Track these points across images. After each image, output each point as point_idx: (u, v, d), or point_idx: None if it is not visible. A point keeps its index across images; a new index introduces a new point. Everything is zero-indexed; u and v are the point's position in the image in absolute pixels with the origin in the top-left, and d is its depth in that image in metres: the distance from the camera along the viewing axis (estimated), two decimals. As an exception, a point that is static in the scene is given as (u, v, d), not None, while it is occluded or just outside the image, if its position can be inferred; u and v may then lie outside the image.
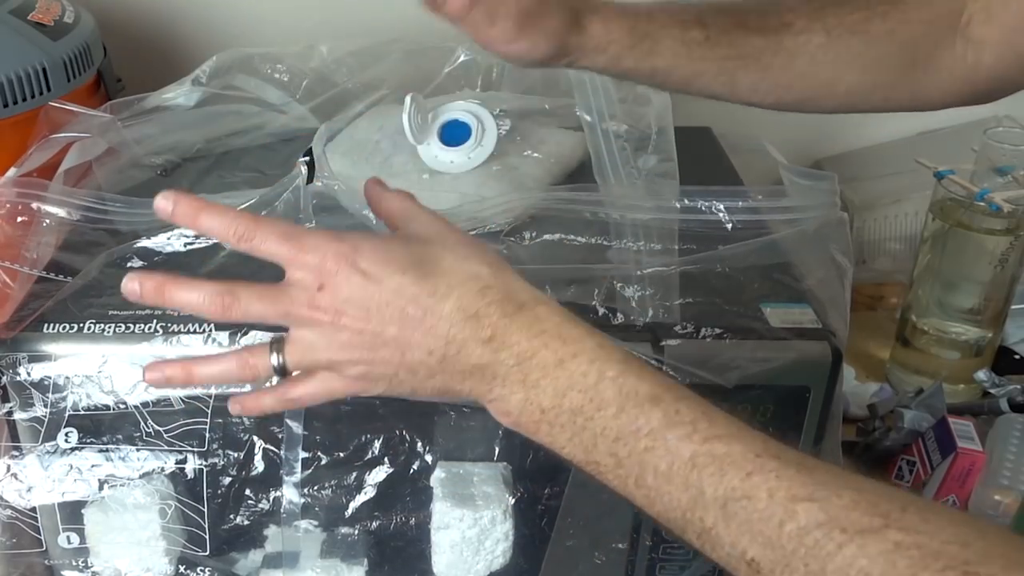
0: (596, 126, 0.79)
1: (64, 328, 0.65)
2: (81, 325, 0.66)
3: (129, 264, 0.70)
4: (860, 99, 0.71)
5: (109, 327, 0.65)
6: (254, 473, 0.68)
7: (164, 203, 0.50)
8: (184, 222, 0.51)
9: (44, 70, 0.84)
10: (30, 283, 0.69)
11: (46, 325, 0.66)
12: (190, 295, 0.51)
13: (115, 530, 0.68)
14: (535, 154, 0.84)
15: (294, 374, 0.53)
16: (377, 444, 0.68)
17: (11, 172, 0.73)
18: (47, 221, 0.72)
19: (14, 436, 0.66)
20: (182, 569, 0.70)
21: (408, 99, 0.78)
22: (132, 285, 0.51)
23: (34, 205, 0.71)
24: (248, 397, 0.56)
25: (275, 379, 0.53)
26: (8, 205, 0.71)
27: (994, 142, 0.95)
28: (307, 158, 0.72)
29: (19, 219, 0.71)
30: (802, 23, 0.68)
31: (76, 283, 0.69)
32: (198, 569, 0.70)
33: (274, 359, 0.52)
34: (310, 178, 0.70)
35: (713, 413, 0.47)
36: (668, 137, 0.80)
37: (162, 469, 0.67)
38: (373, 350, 0.50)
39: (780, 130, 1.21)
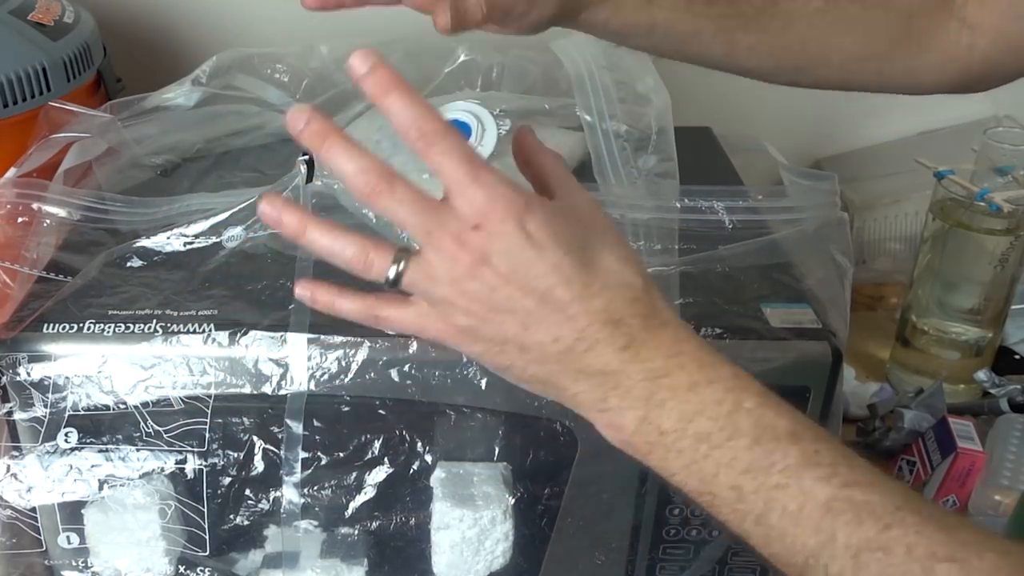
0: (596, 126, 0.78)
1: (64, 328, 0.65)
2: (81, 325, 0.66)
3: (129, 264, 0.70)
4: (855, 70, 0.71)
5: (109, 327, 0.65)
6: (254, 473, 0.68)
7: (361, 64, 0.46)
8: (376, 91, 0.47)
9: (44, 70, 0.84)
10: (30, 283, 0.69)
11: (46, 325, 0.66)
12: (346, 161, 0.47)
13: (115, 530, 0.68)
14: (535, 154, 0.84)
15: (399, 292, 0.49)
16: (377, 444, 0.68)
17: (11, 172, 0.73)
18: (47, 221, 0.72)
19: (14, 436, 0.66)
20: (182, 569, 0.70)
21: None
22: (297, 118, 0.47)
23: (34, 205, 0.71)
24: (326, 290, 0.51)
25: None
26: (8, 205, 0.71)
27: (994, 142, 0.95)
28: (306, 157, 0.72)
29: (19, 219, 0.71)
30: None
31: (76, 283, 0.69)
32: (198, 569, 0.70)
33: (393, 269, 0.48)
34: (309, 177, 0.70)
35: (854, 459, 0.45)
36: (668, 137, 0.80)
37: (162, 469, 0.67)
38: (496, 311, 0.47)
39: (780, 130, 1.22)
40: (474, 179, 0.47)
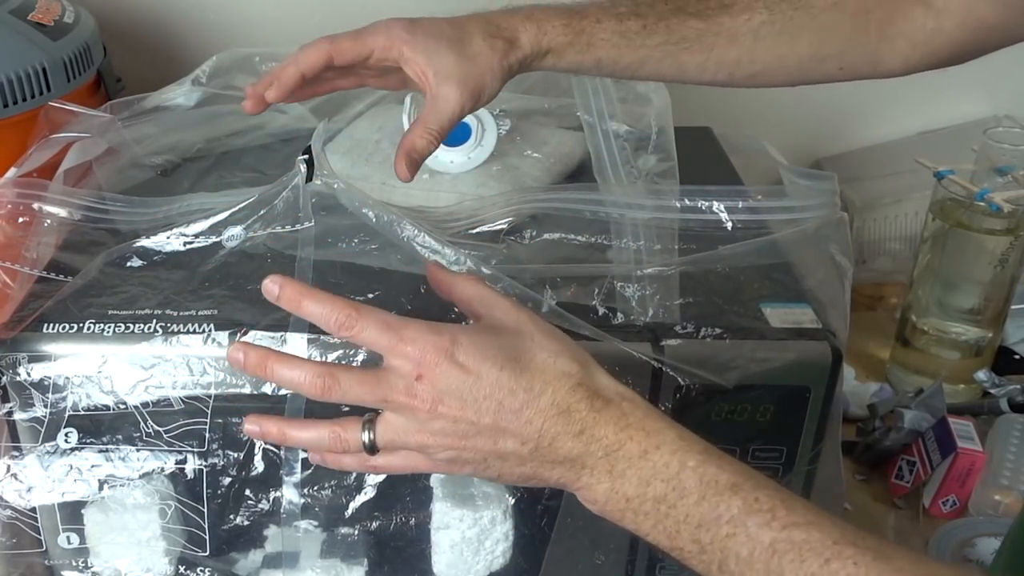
0: (596, 126, 0.79)
1: (64, 328, 0.65)
2: (81, 325, 0.66)
3: (129, 264, 0.70)
4: (813, 69, 0.72)
5: (109, 327, 0.65)
6: (254, 473, 0.68)
7: (272, 287, 0.54)
8: (289, 306, 0.54)
9: (44, 70, 0.84)
10: (30, 283, 0.69)
11: (46, 325, 0.66)
12: (292, 373, 0.53)
13: (115, 530, 0.68)
14: (535, 154, 0.84)
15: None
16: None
17: (11, 172, 0.73)
18: (47, 221, 0.72)
19: (14, 436, 0.66)
20: (182, 569, 0.70)
21: (408, 99, 0.78)
22: (236, 355, 0.54)
23: (35, 205, 0.71)
24: (330, 455, 0.57)
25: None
26: (9, 205, 0.71)
27: (994, 142, 0.95)
28: (306, 156, 0.72)
29: (19, 219, 0.71)
30: (743, 3, 0.69)
31: (76, 283, 0.69)
32: (198, 569, 0.70)
33: (365, 436, 0.54)
34: (309, 176, 0.70)
35: (791, 501, 0.49)
36: (668, 137, 0.80)
37: (162, 469, 0.67)
38: (466, 438, 0.52)
39: (780, 130, 1.22)
40: (399, 339, 0.52)
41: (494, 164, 0.81)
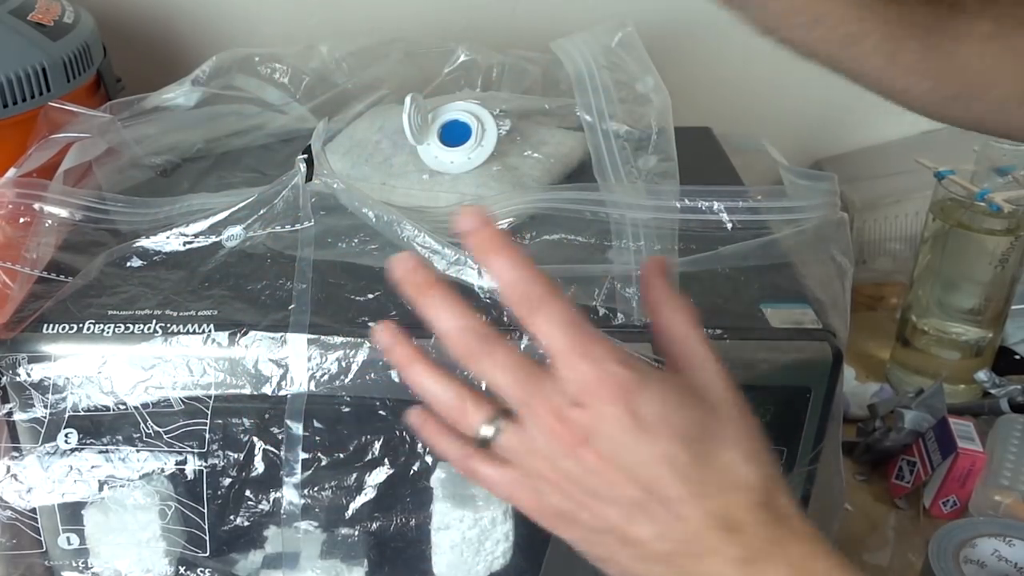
0: (596, 126, 0.79)
1: (64, 328, 0.65)
2: (81, 325, 0.66)
3: (128, 264, 0.70)
4: (1010, 112, 0.63)
5: (109, 327, 0.65)
6: (254, 474, 0.67)
7: (467, 222, 0.46)
8: (478, 252, 0.46)
9: (44, 70, 0.84)
10: (30, 283, 0.69)
11: (46, 325, 0.66)
12: (449, 319, 0.46)
13: (115, 531, 0.68)
14: (535, 154, 0.84)
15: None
16: (377, 445, 0.68)
17: (11, 172, 0.73)
18: (47, 221, 0.72)
19: (14, 437, 0.66)
20: (182, 570, 0.70)
21: (408, 99, 0.78)
22: (400, 265, 0.46)
23: (35, 205, 0.71)
24: (435, 424, 0.49)
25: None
26: (9, 205, 0.71)
27: (994, 142, 0.95)
28: (306, 156, 0.72)
29: (20, 220, 0.71)
30: (974, 6, 0.61)
31: (76, 283, 0.69)
32: (198, 570, 0.70)
33: (488, 428, 0.46)
34: (309, 176, 0.70)
35: None
36: (668, 137, 0.80)
37: (162, 470, 0.67)
38: (595, 498, 0.44)
39: (780, 130, 1.21)
40: (583, 352, 0.44)
41: (494, 164, 0.81)
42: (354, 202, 0.69)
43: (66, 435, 0.66)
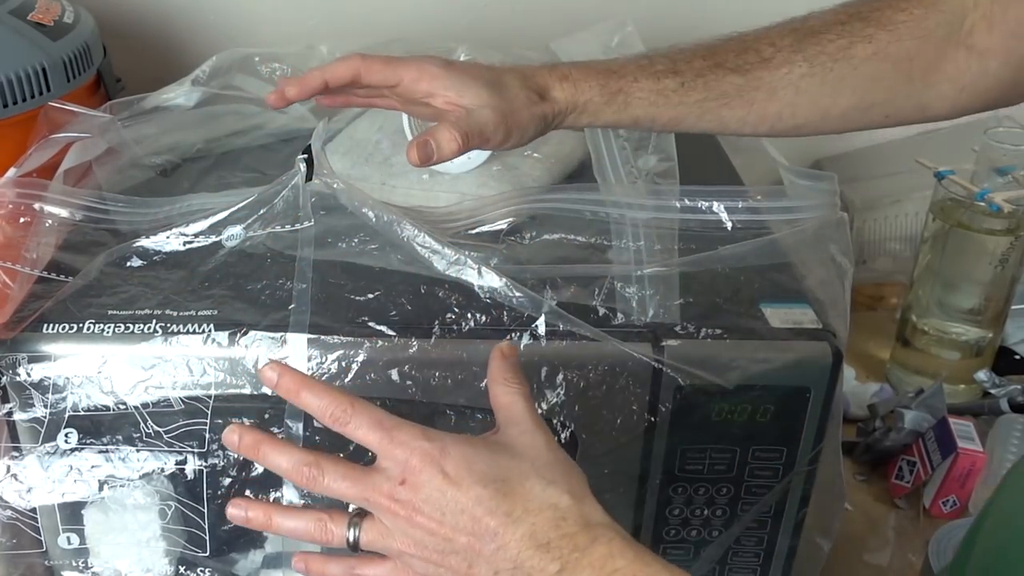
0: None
1: (64, 328, 0.65)
2: (81, 325, 0.66)
3: (128, 264, 0.70)
4: (857, 118, 0.71)
5: (109, 327, 0.65)
6: (254, 473, 0.67)
7: (271, 374, 0.53)
8: (287, 396, 0.54)
9: (44, 70, 0.84)
10: (30, 283, 0.69)
11: (46, 325, 0.66)
12: (280, 458, 0.53)
13: (115, 531, 0.68)
14: (535, 154, 0.84)
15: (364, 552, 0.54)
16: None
17: (11, 172, 0.73)
18: (48, 221, 0.72)
19: (14, 437, 0.66)
20: (182, 569, 0.70)
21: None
22: (232, 436, 0.54)
23: (35, 205, 0.71)
24: (315, 559, 0.57)
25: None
26: (9, 205, 0.71)
27: (994, 142, 0.95)
28: (306, 156, 0.72)
29: (20, 219, 0.71)
30: (782, 56, 0.68)
31: (76, 283, 0.69)
32: (198, 569, 0.70)
33: (350, 533, 0.53)
34: (309, 176, 0.70)
35: None
36: (668, 137, 0.80)
37: (162, 470, 0.67)
38: (443, 554, 0.51)
39: (780, 130, 1.21)
40: (390, 440, 0.52)
41: (494, 164, 0.81)
42: (354, 202, 0.69)
43: (66, 435, 0.66)
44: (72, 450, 0.66)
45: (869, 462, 0.93)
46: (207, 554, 0.70)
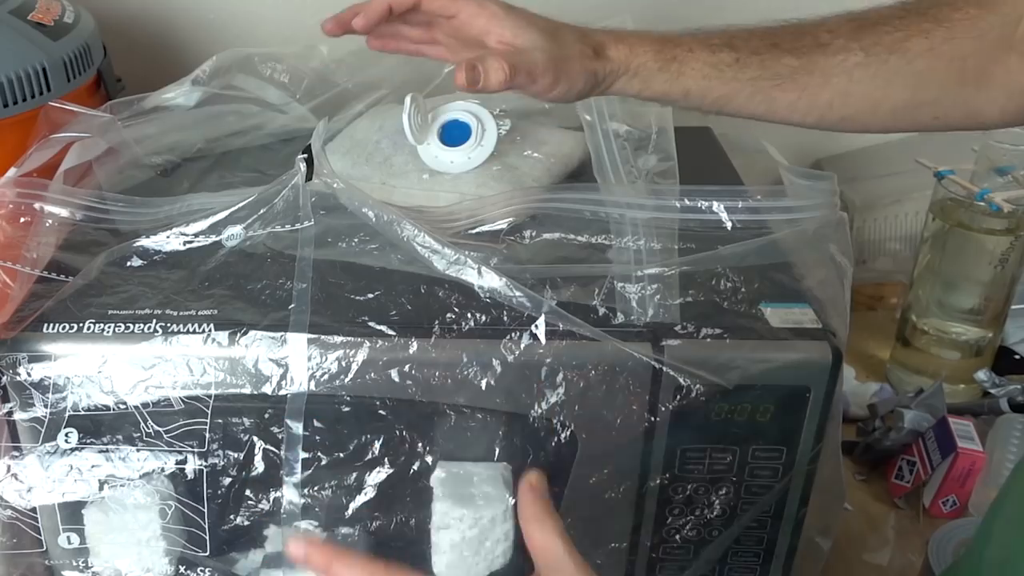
0: (596, 126, 0.79)
1: (64, 328, 0.65)
2: (81, 325, 0.66)
3: (129, 263, 0.70)
4: (906, 117, 0.70)
5: (109, 327, 0.65)
6: (254, 473, 0.67)
7: (297, 551, 0.52)
8: (317, 569, 0.52)
9: (44, 70, 0.84)
10: (30, 283, 0.69)
11: (46, 325, 0.66)
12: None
13: (115, 530, 0.68)
14: (535, 154, 0.84)
15: None
16: (377, 444, 0.68)
17: (11, 172, 0.73)
18: (48, 221, 0.72)
19: (14, 436, 0.66)
20: (182, 569, 0.70)
21: (408, 99, 0.78)
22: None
23: (36, 205, 0.71)
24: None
25: None
26: (9, 205, 0.71)
27: (994, 142, 0.95)
28: (306, 156, 0.72)
29: (20, 219, 0.71)
30: (839, 43, 0.68)
31: (76, 283, 0.69)
32: (198, 569, 0.70)
33: None
34: (309, 176, 0.70)
35: None
36: (668, 137, 0.80)
37: (162, 469, 0.67)
38: None
39: (780, 130, 1.21)
40: None
41: (494, 164, 0.81)
42: (354, 202, 0.69)
43: (66, 435, 0.66)
44: (72, 450, 0.66)
45: (869, 462, 0.93)
46: (207, 554, 0.70)
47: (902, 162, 1.14)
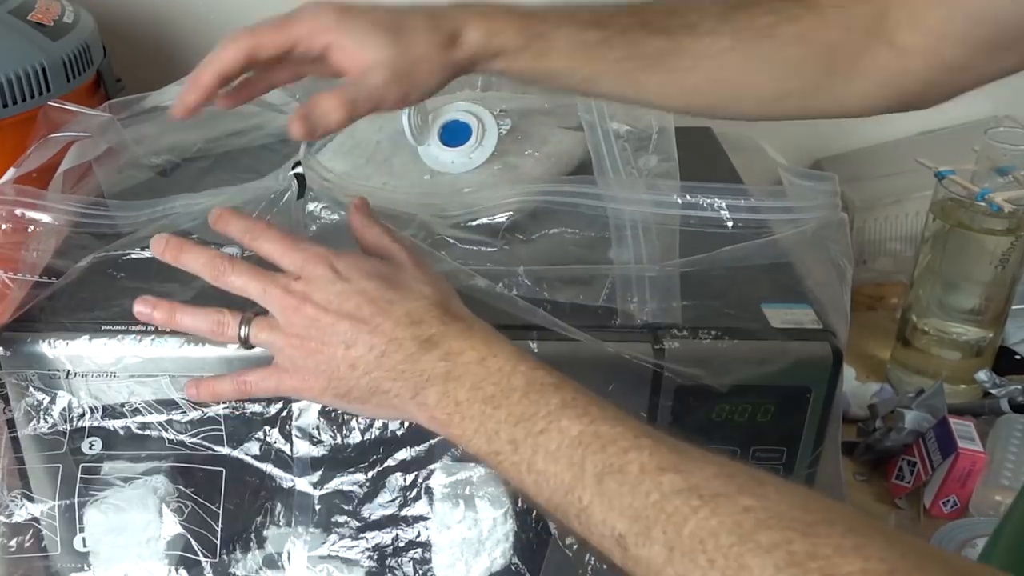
0: (596, 126, 0.78)
1: (64, 328, 0.65)
2: (81, 326, 0.65)
3: (121, 275, 0.70)
4: (773, 105, 0.69)
5: (110, 328, 0.65)
6: (256, 474, 0.67)
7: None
8: (222, 228, 0.61)
9: (44, 70, 0.84)
10: (30, 284, 0.69)
11: (46, 326, 0.65)
12: (197, 258, 0.59)
13: (115, 531, 0.68)
14: (535, 154, 0.84)
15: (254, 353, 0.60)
16: (379, 446, 0.68)
17: (10, 172, 0.73)
18: (47, 218, 0.72)
19: (14, 437, 0.66)
20: (182, 569, 0.70)
21: (408, 99, 0.78)
22: (156, 246, 0.60)
23: (33, 215, 0.71)
24: (204, 381, 0.61)
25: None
26: (9, 206, 0.70)
27: (994, 142, 0.95)
28: (298, 171, 0.71)
29: (19, 218, 0.71)
30: (709, 24, 0.66)
31: (72, 281, 0.69)
32: (197, 569, 0.70)
33: (242, 330, 0.58)
34: (300, 192, 0.70)
35: (606, 405, 0.51)
36: (669, 137, 0.80)
37: (163, 470, 0.67)
38: (322, 341, 0.56)
39: (780, 130, 1.20)
40: (292, 247, 0.59)
41: (494, 164, 0.81)
42: (341, 209, 0.69)
43: (67, 435, 0.66)
44: (73, 450, 0.66)
45: (869, 462, 0.93)
46: (208, 554, 0.70)
47: (902, 162, 1.14)
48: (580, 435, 0.49)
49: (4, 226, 0.70)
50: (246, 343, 0.59)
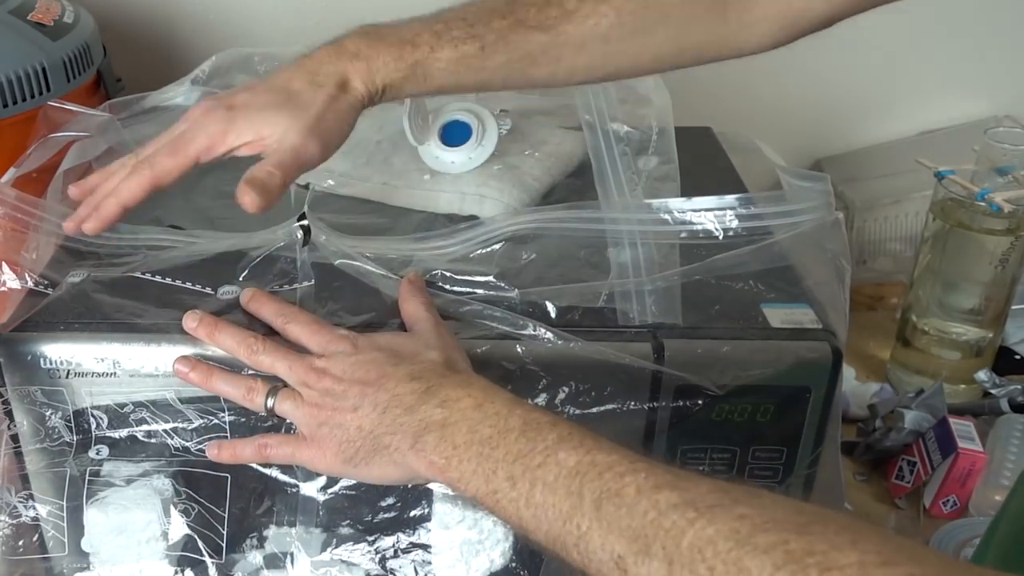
0: (596, 126, 0.78)
1: (64, 328, 0.65)
2: (81, 326, 0.65)
3: (121, 298, 0.70)
4: (672, 60, 0.69)
5: (111, 328, 0.65)
6: (257, 475, 0.67)
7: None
8: (254, 309, 0.66)
9: (44, 70, 0.84)
10: (29, 287, 0.69)
11: (46, 326, 0.65)
12: (230, 335, 0.62)
13: (115, 531, 0.68)
14: (535, 154, 0.84)
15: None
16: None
17: (11, 172, 0.73)
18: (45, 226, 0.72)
19: (15, 438, 0.66)
20: (183, 569, 0.70)
21: (408, 100, 0.78)
22: (190, 322, 0.64)
23: (31, 221, 0.71)
24: (226, 444, 0.65)
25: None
26: (9, 206, 0.70)
27: (994, 142, 0.95)
28: (303, 223, 0.71)
29: (19, 220, 0.71)
30: (588, 7, 0.65)
31: (73, 284, 0.69)
32: (199, 569, 0.70)
33: (268, 400, 0.61)
34: (306, 241, 0.71)
35: (601, 440, 0.52)
36: (669, 138, 0.80)
37: (164, 470, 0.67)
38: (334, 407, 0.59)
39: (780, 130, 1.22)
40: (316, 330, 0.63)
41: (494, 164, 0.81)
42: (350, 264, 0.69)
43: (68, 435, 0.66)
44: (74, 450, 0.66)
45: (869, 462, 0.93)
46: (208, 554, 0.70)
47: (902, 162, 1.14)
48: (577, 465, 0.50)
49: (6, 224, 0.70)
50: (271, 412, 0.61)
